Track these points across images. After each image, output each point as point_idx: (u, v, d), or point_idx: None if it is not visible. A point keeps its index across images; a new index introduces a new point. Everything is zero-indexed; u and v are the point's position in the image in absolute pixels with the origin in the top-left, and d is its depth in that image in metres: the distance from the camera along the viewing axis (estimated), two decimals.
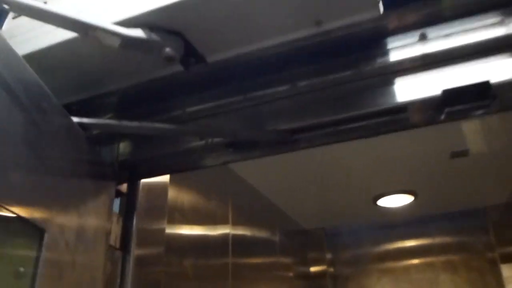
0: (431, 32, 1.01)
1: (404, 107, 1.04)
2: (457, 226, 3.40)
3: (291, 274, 3.24)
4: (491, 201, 3.23)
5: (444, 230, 3.43)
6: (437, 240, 3.44)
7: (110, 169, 1.12)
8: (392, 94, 1.04)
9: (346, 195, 2.96)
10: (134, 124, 1.03)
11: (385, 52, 1.04)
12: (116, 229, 1.14)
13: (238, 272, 2.37)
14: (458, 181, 2.85)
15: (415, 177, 2.74)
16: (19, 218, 0.77)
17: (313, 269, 3.63)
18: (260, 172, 2.52)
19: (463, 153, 2.45)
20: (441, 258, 3.37)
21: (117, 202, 1.22)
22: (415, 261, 3.46)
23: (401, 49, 1.03)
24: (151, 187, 1.35)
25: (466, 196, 3.13)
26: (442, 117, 1.05)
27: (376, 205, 3.12)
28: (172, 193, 1.82)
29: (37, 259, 0.82)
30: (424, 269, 3.40)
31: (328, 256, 3.69)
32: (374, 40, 1.03)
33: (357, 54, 1.04)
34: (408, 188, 2.91)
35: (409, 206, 3.18)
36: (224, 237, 2.30)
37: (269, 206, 3.04)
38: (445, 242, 3.40)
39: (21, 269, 0.80)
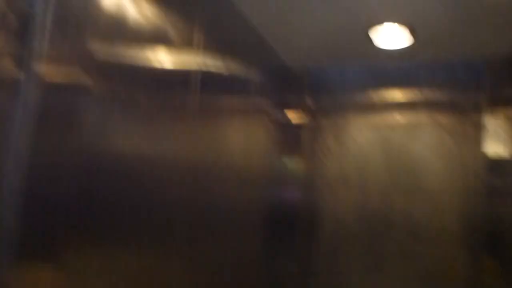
0: None
1: None
2: (450, 80, 3.06)
3: (266, 118, 2.89)
4: (492, 56, 2.86)
5: (436, 83, 3.09)
6: (426, 93, 3.11)
7: None
8: None
9: (337, 24, 2.52)
10: None
11: None
12: None
13: (206, 111, 1.99)
14: (463, 25, 2.46)
15: (415, 9, 2.28)
16: None
17: (290, 114, 3.28)
18: None
19: None
20: (427, 111, 3.08)
21: None
22: (400, 112, 3.16)
23: None
24: None
25: (467, 45, 2.74)
26: None
27: (370, 39, 2.69)
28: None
29: None
30: (408, 121, 3.13)
31: (309, 101, 3.33)
32: None
33: None
34: (406, 21, 2.47)
35: (404, 49, 2.79)
36: (189, 65, 1.85)
37: (247, 32, 2.54)
38: (434, 97, 3.09)
39: None
